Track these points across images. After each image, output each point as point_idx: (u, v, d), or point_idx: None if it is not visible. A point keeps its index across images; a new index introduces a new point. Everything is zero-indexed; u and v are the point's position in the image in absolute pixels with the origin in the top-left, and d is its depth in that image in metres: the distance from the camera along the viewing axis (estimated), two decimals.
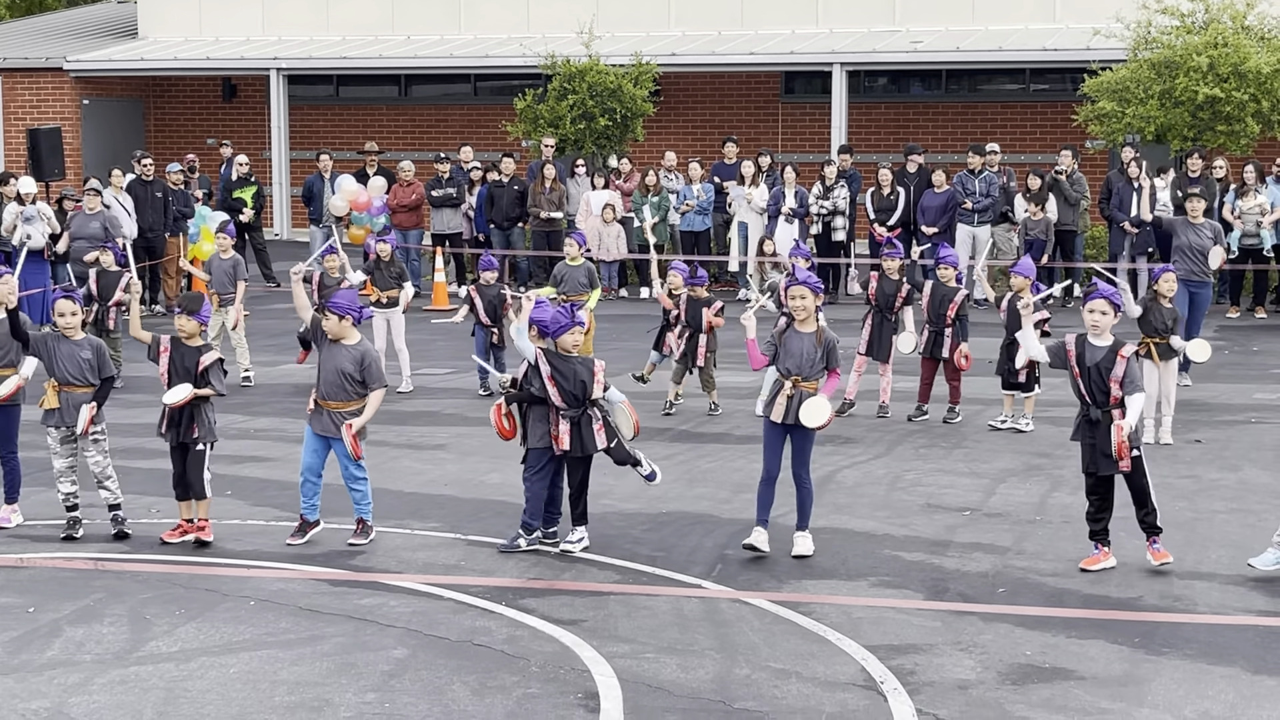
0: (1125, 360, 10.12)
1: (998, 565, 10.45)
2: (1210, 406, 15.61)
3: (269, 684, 8.26)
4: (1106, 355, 10.15)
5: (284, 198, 30.89)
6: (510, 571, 10.35)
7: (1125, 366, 10.11)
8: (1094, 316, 10.27)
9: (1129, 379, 10.12)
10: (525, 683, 8.27)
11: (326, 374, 10.87)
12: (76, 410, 11.08)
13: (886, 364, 15.46)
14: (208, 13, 32.65)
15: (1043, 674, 8.43)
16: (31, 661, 8.62)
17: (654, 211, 24.11)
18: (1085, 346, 10.26)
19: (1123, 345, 10.22)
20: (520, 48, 29.06)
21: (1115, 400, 10.12)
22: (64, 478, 11.26)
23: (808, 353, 10.53)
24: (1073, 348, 10.29)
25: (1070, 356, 10.27)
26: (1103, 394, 10.15)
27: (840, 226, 23.74)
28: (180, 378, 10.97)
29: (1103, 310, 10.28)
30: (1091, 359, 10.19)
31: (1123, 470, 10.12)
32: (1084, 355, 10.22)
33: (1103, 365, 10.13)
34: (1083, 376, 10.21)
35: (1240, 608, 9.56)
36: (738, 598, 9.76)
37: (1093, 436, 10.20)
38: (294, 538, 10.98)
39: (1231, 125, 23.04)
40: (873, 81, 30.63)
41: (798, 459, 10.67)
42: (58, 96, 31.93)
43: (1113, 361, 10.12)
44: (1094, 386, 10.18)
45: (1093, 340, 10.27)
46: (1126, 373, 10.11)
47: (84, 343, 11.23)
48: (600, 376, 10.74)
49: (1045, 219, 22.15)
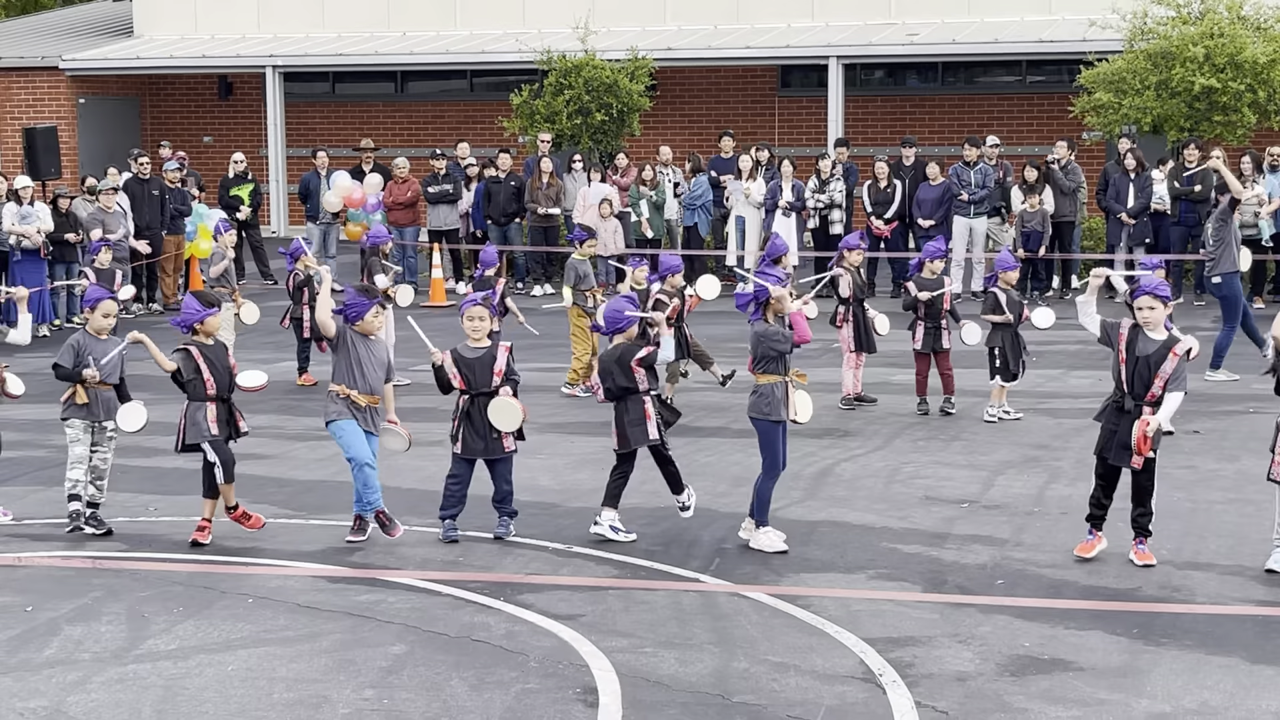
0: (1177, 358, 10.03)
1: (996, 557, 10.45)
2: (1208, 397, 15.61)
3: (267, 681, 8.26)
4: (1159, 350, 10.05)
5: (281, 195, 30.87)
6: (508, 567, 10.34)
7: (1176, 364, 10.02)
8: (1144, 313, 10.12)
9: (1175, 377, 10.02)
10: (524, 678, 8.27)
11: (372, 369, 10.93)
12: (106, 408, 11.14)
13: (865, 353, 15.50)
14: (203, 11, 32.63)
15: (1041, 665, 8.43)
16: (30, 660, 8.62)
17: (650, 206, 24.09)
18: (1139, 336, 10.15)
19: (1177, 343, 10.10)
20: (516, 43, 29.03)
21: (1153, 397, 10.04)
22: (75, 468, 11.20)
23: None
24: (1125, 332, 10.19)
25: (1121, 340, 10.15)
26: (1144, 386, 10.05)
27: (837, 220, 23.73)
28: (220, 375, 11.00)
29: (1150, 305, 10.12)
30: (1143, 350, 10.07)
31: (1134, 466, 10.08)
32: (1135, 344, 10.11)
33: (1154, 359, 10.01)
34: (1128, 364, 10.11)
35: (1239, 598, 9.56)
36: (736, 591, 9.76)
37: (1117, 424, 10.13)
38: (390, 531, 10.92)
39: (1228, 116, 23.04)
40: (869, 74, 30.62)
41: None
42: (54, 95, 31.91)
43: (1164, 357, 10.01)
44: (1137, 378, 10.08)
45: (1148, 333, 10.19)
46: (1175, 371, 10.02)
47: (114, 341, 11.27)
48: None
49: (1042, 210, 22.15)
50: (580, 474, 12.86)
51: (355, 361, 10.92)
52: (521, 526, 11.21)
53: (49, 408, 15.79)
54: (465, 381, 10.89)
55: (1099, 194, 23.18)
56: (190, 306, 11.15)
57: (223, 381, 10.96)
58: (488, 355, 10.91)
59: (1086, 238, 24.09)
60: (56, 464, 13.09)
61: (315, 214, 25.30)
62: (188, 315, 11.10)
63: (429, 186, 24.89)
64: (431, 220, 25.03)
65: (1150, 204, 22.51)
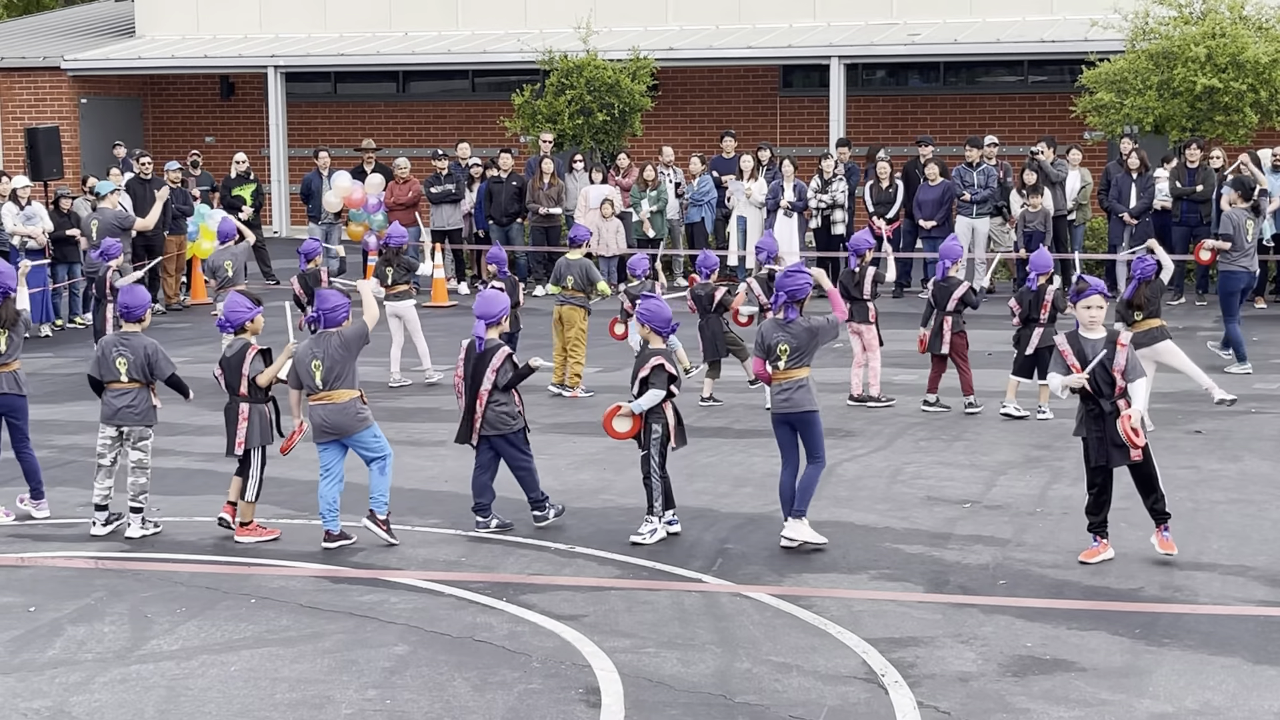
0: (1125, 348, 10.14)
1: (998, 557, 10.45)
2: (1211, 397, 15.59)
3: (270, 681, 8.27)
4: (1104, 345, 10.16)
5: (283, 195, 30.87)
6: (511, 567, 10.35)
7: (1126, 354, 10.12)
8: (1091, 312, 10.30)
9: (1131, 366, 10.13)
10: (526, 678, 8.28)
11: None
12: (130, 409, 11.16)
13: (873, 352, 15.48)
14: (205, 11, 32.63)
15: (1044, 665, 8.43)
16: (33, 660, 8.63)
17: (652, 205, 24.09)
18: (1081, 342, 10.25)
19: (1119, 334, 10.24)
20: (518, 43, 29.03)
21: (1120, 390, 10.11)
22: (103, 474, 11.25)
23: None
24: (1067, 346, 10.27)
25: (1067, 356, 10.24)
26: (1108, 385, 10.12)
27: (840, 220, 23.73)
28: (233, 377, 11.08)
29: (1099, 305, 10.35)
30: (1092, 352, 10.17)
31: (1135, 459, 10.10)
32: (1082, 350, 10.21)
33: (1105, 358, 10.12)
34: (1088, 372, 10.18)
35: (1241, 598, 9.56)
36: (738, 592, 9.76)
37: (1100, 429, 10.15)
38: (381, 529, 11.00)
39: (1230, 115, 23.02)
40: (871, 74, 30.61)
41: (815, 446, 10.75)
42: (55, 95, 31.91)
43: (1113, 352, 10.12)
44: (1099, 380, 10.15)
45: (1085, 334, 10.27)
46: (1127, 360, 10.12)
47: (144, 338, 11.30)
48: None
49: (1043, 210, 22.14)
50: (583, 474, 12.87)
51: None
52: (524, 527, 11.23)
53: (51, 408, 15.84)
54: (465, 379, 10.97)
55: (1101, 194, 23.17)
56: (239, 304, 11.17)
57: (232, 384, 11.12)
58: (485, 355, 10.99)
59: (1089, 237, 24.07)
60: (58, 464, 13.11)
61: (317, 214, 25.31)
62: (237, 314, 11.12)
63: (431, 186, 24.89)
64: (434, 220, 25.03)
65: (1153, 203, 22.50)
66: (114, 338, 11.38)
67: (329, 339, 10.76)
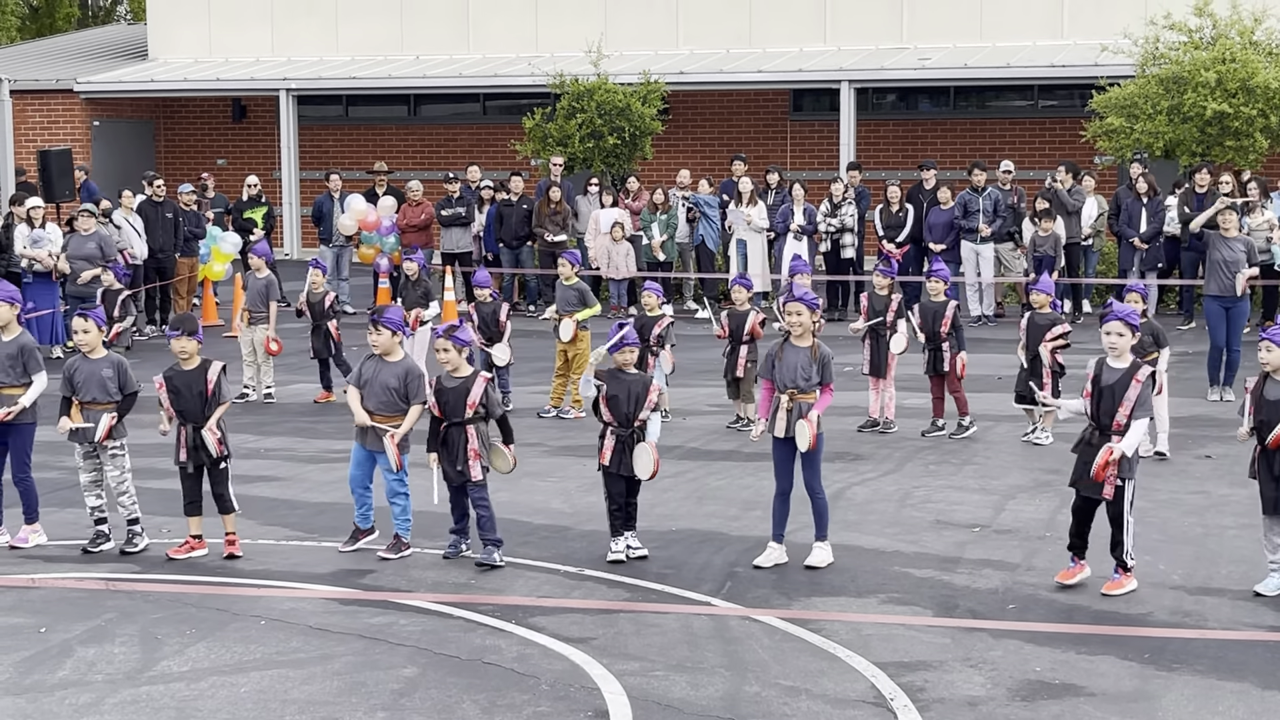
0: (1140, 384, 10.06)
1: (1007, 581, 10.44)
2: (1220, 422, 15.59)
3: (279, 703, 8.28)
4: (1123, 377, 10.09)
5: (294, 218, 30.96)
6: (520, 590, 10.35)
7: (1140, 390, 10.05)
8: (1110, 339, 10.20)
9: (1139, 403, 10.05)
10: (535, 701, 8.28)
11: (374, 389, 11.08)
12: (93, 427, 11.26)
13: (886, 380, 15.48)
14: (217, 34, 32.77)
15: (1053, 690, 8.42)
16: (43, 682, 8.64)
17: (662, 229, 24.14)
18: (1104, 368, 10.21)
19: (1139, 369, 10.15)
20: (529, 67, 29.14)
21: (1119, 426, 10.05)
22: (89, 492, 11.45)
23: (803, 366, 10.72)
24: (1092, 370, 10.24)
25: (1089, 377, 10.23)
26: (1109, 415, 10.08)
27: (849, 244, 23.75)
28: (190, 401, 11.05)
29: (1119, 332, 10.20)
30: (1108, 380, 10.11)
31: (1106, 497, 10.07)
32: (1101, 375, 10.18)
33: (1118, 387, 10.05)
34: (1094, 395, 10.16)
35: (1251, 623, 9.55)
36: (747, 615, 9.76)
37: (1088, 457, 10.15)
38: (345, 545, 11.26)
39: (1240, 141, 23.05)
40: (881, 99, 30.67)
41: (807, 471, 10.75)
42: (68, 118, 32.06)
43: (1128, 384, 10.05)
44: (1103, 408, 10.12)
45: (1111, 362, 10.21)
46: (1139, 396, 10.05)
47: (104, 360, 11.34)
48: (653, 397, 10.89)
49: (1054, 235, 22.16)
50: (592, 496, 12.87)
51: (366, 383, 11.14)
52: (533, 549, 11.24)
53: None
54: (441, 410, 10.91)
55: (1111, 218, 23.18)
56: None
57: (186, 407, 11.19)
58: (463, 386, 10.91)
59: (1100, 262, 24.09)
60: (69, 485, 13.12)
61: (329, 237, 25.38)
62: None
63: (442, 209, 24.95)
64: (444, 243, 25.08)
65: (1163, 228, 22.52)
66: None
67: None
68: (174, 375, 11.14)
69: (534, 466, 13.84)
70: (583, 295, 16.61)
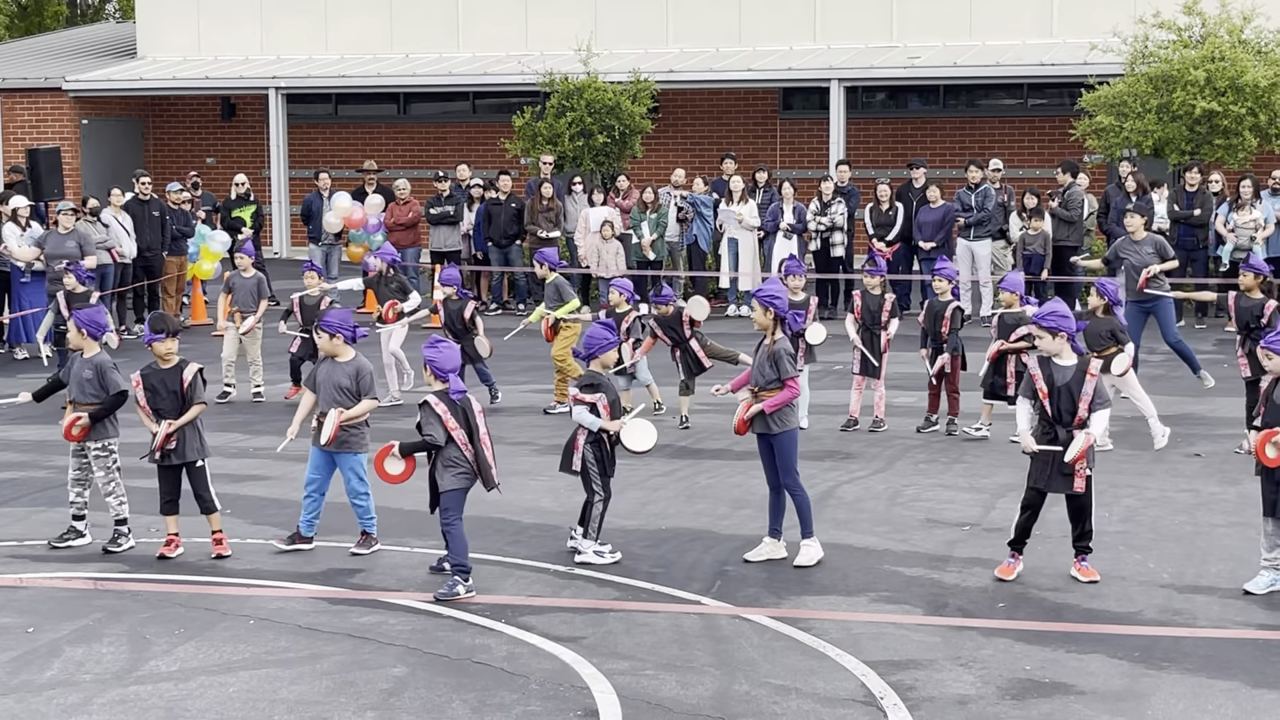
0: (1094, 378, 10.18)
1: (997, 580, 10.44)
2: (1209, 420, 15.61)
3: (268, 703, 8.26)
4: (1075, 374, 10.20)
5: (283, 216, 30.91)
6: (509, 589, 10.34)
7: (1095, 384, 10.16)
8: (1041, 343, 10.38)
9: (1098, 396, 10.20)
10: (525, 700, 8.27)
11: (324, 389, 11.15)
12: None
13: (878, 379, 15.48)
14: (206, 32, 32.70)
15: (1042, 689, 8.42)
16: (31, 682, 8.62)
17: (652, 228, 24.12)
18: (1051, 368, 10.28)
19: (1090, 363, 10.27)
20: (518, 65, 29.10)
21: (1080, 420, 10.15)
22: (71, 489, 11.47)
23: (764, 364, 10.75)
24: (1037, 370, 10.30)
25: (1037, 380, 10.28)
26: (1069, 413, 10.17)
27: (839, 242, 23.74)
28: (166, 399, 11.04)
29: (1038, 335, 10.41)
30: (1061, 379, 10.22)
31: (1077, 490, 10.16)
32: (1052, 376, 10.25)
33: (1073, 385, 10.17)
34: (1051, 397, 10.23)
35: (1240, 621, 9.56)
36: (737, 614, 9.76)
37: (1049, 455, 10.21)
38: (283, 542, 11.31)
39: (1229, 139, 23.07)
40: (871, 97, 30.67)
41: (781, 469, 10.79)
42: (57, 116, 31.97)
43: (1081, 380, 10.17)
44: (1061, 407, 10.20)
45: (1057, 361, 10.29)
46: (1096, 390, 10.17)
47: (88, 361, 11.33)
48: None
49: (1043, 233, 22.16)
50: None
51: (318, 383, 11.24)
52: (522, 548, 11.23)
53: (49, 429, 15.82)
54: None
55: (1100, 216, 23.20)
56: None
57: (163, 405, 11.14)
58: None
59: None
60: (58, 485, 13.09)
61: (317, 235, 25.34)
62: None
63: (431, 208, 24.93)
64: (433, 241, 25.06)
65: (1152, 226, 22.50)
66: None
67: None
68: (151, 374, 11.15)
69: (523, 465, 13.83)
70: (559, 290, 16.64)
